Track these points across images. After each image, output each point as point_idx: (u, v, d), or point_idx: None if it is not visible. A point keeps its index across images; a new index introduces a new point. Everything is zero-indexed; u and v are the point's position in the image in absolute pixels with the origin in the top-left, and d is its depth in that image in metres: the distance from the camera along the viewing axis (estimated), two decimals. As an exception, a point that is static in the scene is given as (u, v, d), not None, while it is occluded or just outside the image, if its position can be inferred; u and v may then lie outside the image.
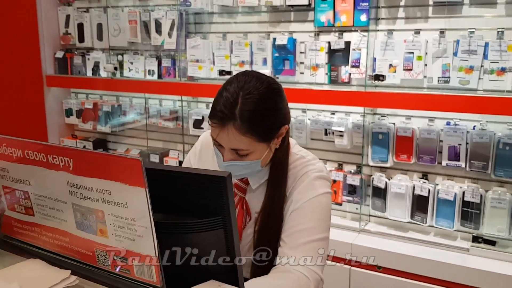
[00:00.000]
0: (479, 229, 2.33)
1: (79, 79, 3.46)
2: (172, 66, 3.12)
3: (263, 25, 2.83)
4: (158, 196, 0.91)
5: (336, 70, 2.61)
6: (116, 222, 0.94)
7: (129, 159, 0.88)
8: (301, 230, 1.24)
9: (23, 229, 1.13)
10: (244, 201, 1.36)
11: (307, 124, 2.73)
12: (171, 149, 3.30)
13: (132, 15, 3.17)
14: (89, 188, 0.94)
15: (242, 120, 1.17)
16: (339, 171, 2.68)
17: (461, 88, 2.30)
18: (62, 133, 3.66)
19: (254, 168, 1.27)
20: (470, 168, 2.33)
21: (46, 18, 3.44)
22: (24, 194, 1.08)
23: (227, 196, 0.94)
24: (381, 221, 2.64)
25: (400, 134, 2.47)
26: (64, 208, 1.01)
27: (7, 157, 1.07)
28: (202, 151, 1.48)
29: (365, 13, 2.46)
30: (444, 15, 2.35)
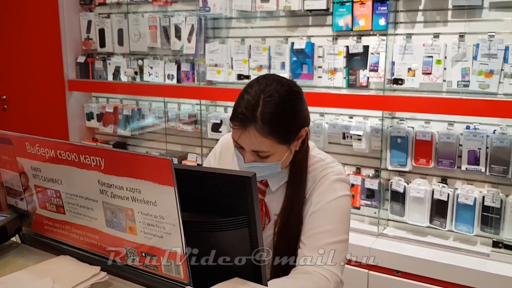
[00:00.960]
0: (499, 234, 2.31)
1: (100, 84, 3.53)
2: (191, 70, 3.16)
3: (281, 29, 2.86)
4: (185, 195, 0.94)
5: (354, 74, 2.62)
6: (145, 220, 0.97)
7: (159, 159, 0.91)
8: (321, 232, 1.26)
9: (54, 227, 1.17)
10: (263, 203, 1.37)
11: (325, 128, 2.74)
12: (189, 153, 3.34)
13: (152, 21, 3.23)
14: (120, 187, 0.97)
15: (263, 122, 1.19)
16: (357, 175, 2.68)
17: (481, 92, 2.29)
18: (83, 136, 3.73)
19: (274, 170, 1.29)
20: (490, 172, 2.31)
21: (68, 24, 3.52)
22: (56, 193, 1.12)
23: (251, 196, 0.96)
24: (400, 226, 2.63)
25: (419, 138, 2.47)
26: (94, 206, 1.04)
27: (39, 157, 1.11)
28: (222, 154, 1.51)
29: (384, 17, 2.47)
30: (464, 19, 2.35)
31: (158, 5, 3.22)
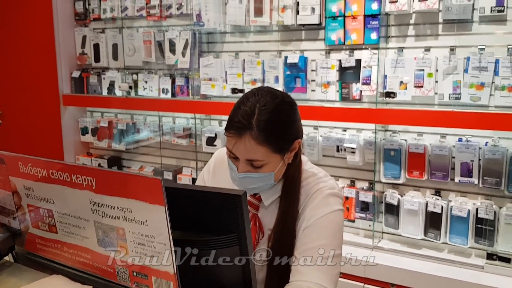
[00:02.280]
0: (493, 246, 2.31)
1: (94, 98, 3.54)
2: (186, 84, 3.18)
3: (274, 43, 2.89)
4: (176, 213, 0.94)
5: (347, 88, 2.64)
6: (136, 239, 0.97)
7: (150, 179, 0.91)
8: (314, 247, 1.26)
9: (46, 246, 1.17)
10: (257, 217, 1.38)
11: (319, 141, 2.75)
12: (184, 166, 3.34)
13: (147, 35, 3.26)
14: (111, 206, 0.98)
15: (259, 130, 1.21)
16: (352, 188, 2.69)
17: (472, 104, 2.31)
18: (78, 150, 3.73)
19: (267, 181, 1.30)
20: (483, 184, 2.33)
21: (63, 39, 3.54)
22: (48, 212, 1.12)
23: (242, 214, 0.97)
24: (394, 238, 2.63)
25: (412, 151, 2.49)
26: (86, 225, 1.05)
27: (32, 177, 1.11)
28: (216, 168, 1.51)
29: (375, 31, 2.50)
30: (454, 33, 2.38)
31: (153, 20, 3.25)
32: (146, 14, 3.24)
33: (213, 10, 2.94)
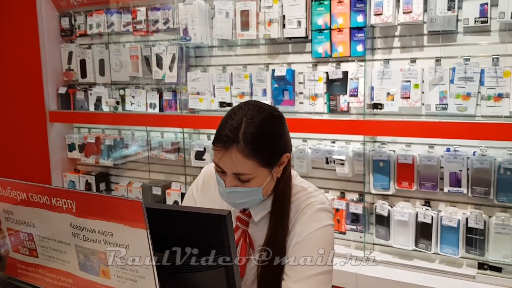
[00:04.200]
0: (484, 256, 2.31)
1: (81, 114, 3.51)
2: (173, 99, 3.16)
3: (262, 57, 2.89)
4: (159, 235, 0.92)
5: (335, 100, 2.64)
6: (118, 263, 0.95)
7: (130, 201, 0.89)
8: (304, 263, 1.25)
9: (27, 270, 1.14)
10: (247, 234, 1.36)
11: (308, 153, 2.74)
12: (173, 181, 3.31)
13: (134, 51, 3.24)
14: (92, 230, 0.96)
15: (246, 143, 1.20)
16: (342, 200, 2.68)
17: (459, 114, 2.32)
18: (65, 167, 3.68)
19: (255, 196, 1.28)
20: (472, 194, 2.33)
21: (49, 55, 3.52)
22: (28, 236, 1.09)
23: (227, 235, 0.95)
24: (386, 250, 2.62)
25: (400, 161, 2.48)
26: (67, 249, 1.02)
27: (11, 200, 1.09)
28: (204, 185, 1.50)
29: (361, 44, 2.51)
30: (439, 44, 2.40)
31: (139, 35, 3.24)
32: (133, 29, 3.23)
33: (199, 24, 2.94)
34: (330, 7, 2.56)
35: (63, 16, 3.54)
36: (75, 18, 3.50)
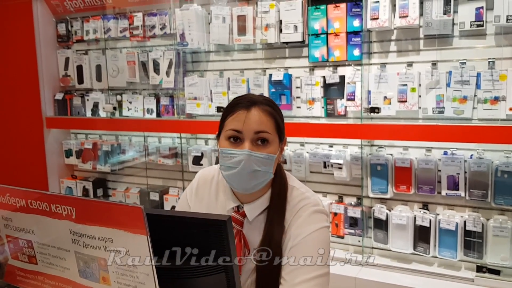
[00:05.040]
0: (482, 258, 2.31)
1: (78, 120, 3.50)
2: (171, 104, 3.16)
3: (259, 61, 2.89)
4: (159, 240, 0.92)
5: (332, 104, 2.65)
6: (118, 269, 0.94)
7: (131, 207, 0.89)
8: (301, 267, 1.24)
9: (26, 277, 1.13)
10: (241, 234, 1.35)
11: (306, 157, 2.75)
12: (170, 187, 3.30)
13: (131, 56, 3.24)
14: (91, 236, 0.95)
15: (265, 104, 1.31)
16: (340, 204, 2.68)
17: (456, 118, 2.33)
18: (62, 173, 3.67)
19: (268, 166, 1.28)
20: (470, 197, 2.34)
21: (45, 61, 3.51)
22: (28, 243, 1.09)
23: (227, 240, 0.95)
24: (384, 253, 2.62)
25: (398, 165, 2.49)
26: (67, 256, 1.01)
27: (10, 207, 1.08)
28: (198, 188, 1.49)
29: (358, 48, 2.52)
30: (436, 47, 2.41)
31: (136, 40, 3.24)
32: (130, 35, 3.23)
33: (196, 30, 2.94)
34: (327, 11, 2.58)
35: (60, 22, 3.54)
36: (72, 24, 3.50)
